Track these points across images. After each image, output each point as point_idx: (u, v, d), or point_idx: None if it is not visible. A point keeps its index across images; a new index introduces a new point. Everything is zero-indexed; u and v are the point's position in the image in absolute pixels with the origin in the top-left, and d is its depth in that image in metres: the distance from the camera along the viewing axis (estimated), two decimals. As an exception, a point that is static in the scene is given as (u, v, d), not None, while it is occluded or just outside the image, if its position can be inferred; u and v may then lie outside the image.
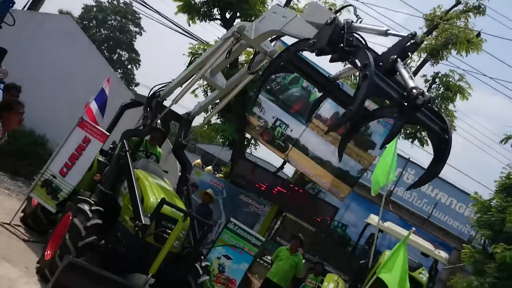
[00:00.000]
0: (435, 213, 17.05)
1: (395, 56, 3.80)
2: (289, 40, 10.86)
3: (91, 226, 5.70)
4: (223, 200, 11.15)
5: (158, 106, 7.58)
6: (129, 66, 46.15)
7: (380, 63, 3.82)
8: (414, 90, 3.53)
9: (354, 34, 4.01)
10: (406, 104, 3.54)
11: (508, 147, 14.08)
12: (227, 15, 12.15)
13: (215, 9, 12.12)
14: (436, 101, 12.32)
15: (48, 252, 5.93)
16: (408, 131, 13.52)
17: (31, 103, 5.04)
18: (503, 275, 9.98)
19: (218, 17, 12.22)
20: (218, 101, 8.60)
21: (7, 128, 4.93)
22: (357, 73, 3.59)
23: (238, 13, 11.97)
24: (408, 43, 3.87)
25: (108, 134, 7.31)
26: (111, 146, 8.11)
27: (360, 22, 4.34)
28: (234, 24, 7.03)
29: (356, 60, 3.77)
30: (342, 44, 3.89)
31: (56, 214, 6.63)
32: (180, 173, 8.39)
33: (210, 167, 15.83)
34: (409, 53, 3.91)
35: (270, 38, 6.93)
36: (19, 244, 6.46)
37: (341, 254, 13.84)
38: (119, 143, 7.12)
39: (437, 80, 12.56)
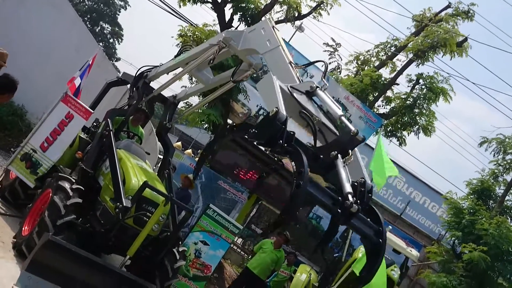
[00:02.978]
0: (408, 210, 17.38)
1: (336, 152, 3.72)
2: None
3: (71, 204, 5.64)
4: (201, 185, 11.12)
5: (145, 87, 7.48)
6: (111, 40, 45.29)
7: (321, 156, 3.74)
8: (349, 197, 3.37)
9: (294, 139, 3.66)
10: (340, 211, 3.38)
11: (481, 150, 14.46)
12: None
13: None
14: (419, 101, 12.49)
15: (26, 227, 5.84)
16: (388, 129, 13.68)
17: (12, 73, 4.90)
18: (469, 274, 10.35)
19: (210, 0, 12.11)
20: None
21: None
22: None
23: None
24: (350, 140, 3.78)
25: (92, 111, 7.17)
26: (94, 123, 7.97)
27: (325, 90, 4.25)
28: (221, 33, 6.82)
29: (293, 163, 3.50)
30: (281, 141, 3.54)
31: (34, 189, 6.53)
32: (159, 155, 8.31)
33: (190, 150, 15.78)
34: (350, 151, 3.79)
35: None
36: (-6, 217, 6.34)
37: (314, 245, 14.01)
38: (103, 122, 7.00)
39: (421, 80, 12.73)
